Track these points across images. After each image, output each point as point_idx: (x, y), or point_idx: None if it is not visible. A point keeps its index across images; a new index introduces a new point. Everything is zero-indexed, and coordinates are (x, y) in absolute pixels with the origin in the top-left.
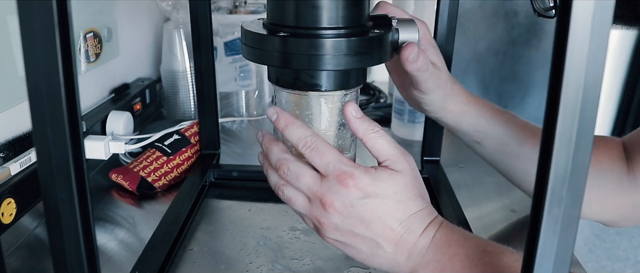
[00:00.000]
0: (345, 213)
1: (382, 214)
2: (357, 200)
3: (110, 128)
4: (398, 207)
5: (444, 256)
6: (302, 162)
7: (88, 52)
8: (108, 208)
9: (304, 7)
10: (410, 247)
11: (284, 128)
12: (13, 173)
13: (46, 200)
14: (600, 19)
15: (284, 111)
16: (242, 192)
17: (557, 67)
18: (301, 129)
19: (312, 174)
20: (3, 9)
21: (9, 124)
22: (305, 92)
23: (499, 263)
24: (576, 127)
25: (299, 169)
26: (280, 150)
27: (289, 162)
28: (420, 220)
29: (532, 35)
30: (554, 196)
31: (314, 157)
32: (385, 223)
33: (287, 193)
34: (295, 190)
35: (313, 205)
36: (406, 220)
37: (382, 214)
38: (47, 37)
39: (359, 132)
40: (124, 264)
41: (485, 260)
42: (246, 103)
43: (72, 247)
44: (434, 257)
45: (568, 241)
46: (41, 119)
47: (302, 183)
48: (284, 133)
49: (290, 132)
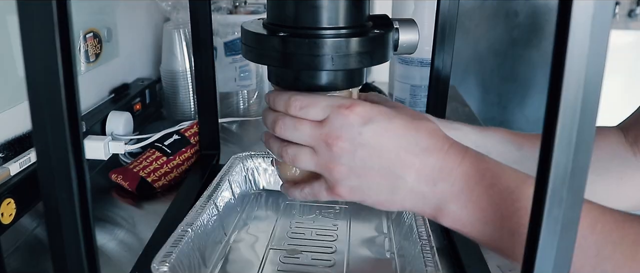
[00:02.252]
0: (354, 144)
1: (393, 136)
2: (362, 127)
3: (110, 128)
4: (408, 126)
5: (478, 186)
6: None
7: (88, 52)
8: (108, 209)
9: (304, 6)
10: (435, 173)
11: (272, 102)
12: (13, 174)
13: (46, 201)
14: (600, 19)
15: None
16: None
17: (558, 67)
18: (286, 94)
19: (310, 122)
20: (3, 9)
21: (9, 124)
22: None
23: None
24: (576, 128)
25: (295, 119)
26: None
27: (283, 116)
28: (439, 140)
29: (532, 36)
30: (554, 197)
31: (308, 110)
32: (399, 146)
33: (290, 151)
34: (297, 146)
35: (319, 152)
36: (422, 140)
37: (392, 136)
38: (47, 37)
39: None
40: (124, 264)
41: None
42: (246, 103)
43: (72, 247)
44: (466, 186)
45: (568, 242)
46: (41, 119)
47: (302, 132)
48: (273, 105)
49: (278, 100)
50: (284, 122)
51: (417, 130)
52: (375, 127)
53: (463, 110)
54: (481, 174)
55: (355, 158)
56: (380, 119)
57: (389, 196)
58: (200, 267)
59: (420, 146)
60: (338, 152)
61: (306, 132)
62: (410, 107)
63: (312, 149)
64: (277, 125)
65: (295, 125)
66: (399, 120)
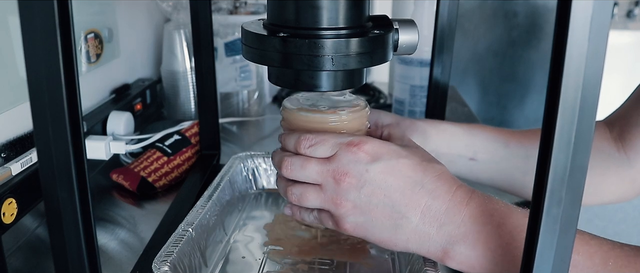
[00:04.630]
0: (361, 181)
1: (399, 176)
2: (369, 164)
3: (111, 128)
4: (415, 168)
5: (486, 227)
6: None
7: (89, 53)
8: (109, 209)
9: (304, 7)
10: (441, 215)
11: (283, 143)
12: (14, 174)
13: (47, 200)
14: (599, 20)
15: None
16: None
17: (557, 67)
18: (296, 134)
19: (317, 160)
20: (4, 10)
21: (11, 124)
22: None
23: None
24: (575, 128)
25: (303, 158)
26: (281, 154)
27: (290, 156)
28: (446, 183)
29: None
30: (553, 197)
31: (317, 148)
32: (405, 186)
33: (295, 191)
34: (304, 185)
35: (326, 188)
36: (428, 183)
37: (398, 176)
38: (48, 37)
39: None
40: (125, 264)
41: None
42: (246, 103)
43: (73, 246)
44: (473, 228)
45: (567, 241)
46: (42, 119)
47: (309, 170)
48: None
49: (288, 140)
50: (291, 161)
51: (425, 171)
52: (383, 165)
53: (462, 110)
54: (489, 214)
55: (361, 195)
56: (388, 157)
57: (393, 235)
58: (201, 266)
59: (426, 188)
60: (345, 187)
61: (314, 169)
62: (410, 107)
63: (319, 186)
64: (283, 165)
65: (302, 164)
66: (406, 160)
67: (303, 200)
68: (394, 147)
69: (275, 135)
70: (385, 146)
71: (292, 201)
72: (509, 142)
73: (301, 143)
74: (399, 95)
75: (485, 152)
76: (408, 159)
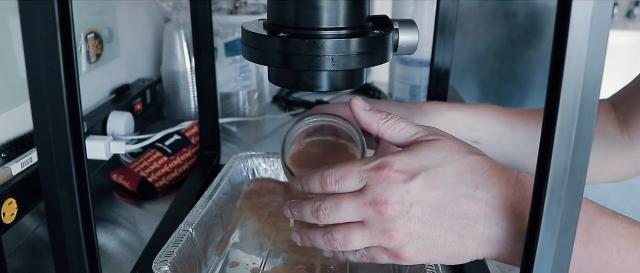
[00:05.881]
0: (405, 205)
1: (446, 186)
2: (408, 184)
3: (111, 128)
4: (459, 169)
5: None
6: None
7: (89, 53)
8: (109, 208)
9: (304, 7)
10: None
11: (306, 186)
12: (14, 174)
13: (47, 200)
14: (599, 20)
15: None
16: None
17: (557, 67)
18: (317, 173)
19: (350, 195)
20: (4, 10)
21: (11, 124)
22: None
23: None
24: (575, 128)
25: (335, 198)
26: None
27: (322, 201)
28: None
29: (531, 36)
30: (553, 196)
31: (343, 182)
32: (457, 193)
33: (337, 236)
34: (345, 226)
35: (369, 223)
36: (481, 182)
37: (445, 187)
38: (49, 37)
39: (372, 125)
40: (125, 264)
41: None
42: (246, 103)
43: (73, 246)
44: None
45: (567, 241)
46: (42, 119)
47: (346, 207)
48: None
49: (312, 182)
50: (325, 205)
51: (472, 171)
52: (422, 180)
53: None
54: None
55: (411, 219)
56: (425, 169)
57: (460, 249)
58: (201, 266)
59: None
60: (391, 215)
61: (350, 205)
62: None
63: (362, 223)
64: (320, 213)
65: (336, 204)
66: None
67: (348, 243)
68: (424, 154)
69: (276, 135)
70: (415, 158)
71: (335, 248)
72: (516, 124)
73: (327, 181)
74: (399, 95)
75: (490, 135)
76: (447, 165)
